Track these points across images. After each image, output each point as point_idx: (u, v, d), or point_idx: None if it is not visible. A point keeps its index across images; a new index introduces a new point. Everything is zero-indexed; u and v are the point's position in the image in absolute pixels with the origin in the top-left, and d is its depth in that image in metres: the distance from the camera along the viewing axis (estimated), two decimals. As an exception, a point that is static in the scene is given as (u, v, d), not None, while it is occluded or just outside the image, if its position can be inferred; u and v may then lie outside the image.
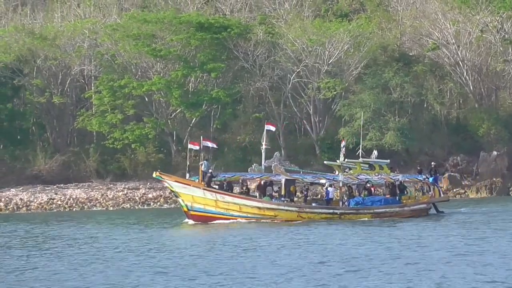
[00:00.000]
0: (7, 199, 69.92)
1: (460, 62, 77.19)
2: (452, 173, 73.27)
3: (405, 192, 55.31)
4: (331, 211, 52.63)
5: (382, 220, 51.46)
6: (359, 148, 71.98)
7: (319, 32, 76.05)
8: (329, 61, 75.25)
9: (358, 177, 54.73)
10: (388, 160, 58.36)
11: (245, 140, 73.74)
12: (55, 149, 76.54)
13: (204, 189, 51.81)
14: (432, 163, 62.54)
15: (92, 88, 78.39)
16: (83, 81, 79.91)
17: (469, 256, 33.26)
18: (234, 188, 55.53)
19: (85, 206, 67.53)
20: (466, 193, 72.03)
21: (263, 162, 54.75)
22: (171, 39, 75.64)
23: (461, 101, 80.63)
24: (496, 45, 77.80)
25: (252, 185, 57.49)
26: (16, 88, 77.98)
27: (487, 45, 78.10)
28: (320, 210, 52.89)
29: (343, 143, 58.05)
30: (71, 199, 68.68)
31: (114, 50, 77.01)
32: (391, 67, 75.56)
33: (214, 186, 53.17)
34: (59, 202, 68.13)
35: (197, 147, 55.27)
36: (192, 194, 51.97)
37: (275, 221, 51.22)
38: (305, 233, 44.38)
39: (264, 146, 55.00)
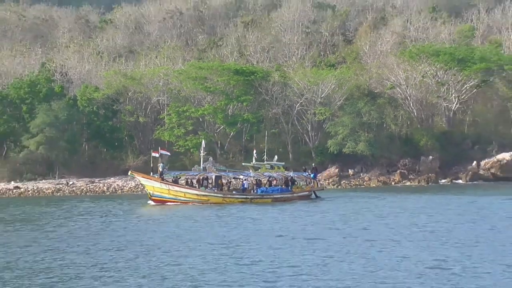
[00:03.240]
0: (108, 184, 79.23)
1: (408, 97, 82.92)
2: (402, 171, 79.88)
3: (295, 184, 59.57)
4: (245, 196, 56.74)
5: (279, 202, 55.24)
6: (344, 152, 76.55)
7: (315, 76, 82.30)
8: (321, 95, 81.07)
9: (264, 174, 59.25)
10: (283, 163, 62.29)
11: (265, 147, 70.47)
12: (140, 152, 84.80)
13: (160, 182, 56.09)
14: (313, 164, 67.47)
15: (165, 111, 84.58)
16: (159, 107, 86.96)
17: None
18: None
19: (159, 190, 66.95)
20: (411, 183, 76.75)
21: (201, 164, 58.71)
22: (217, 80, 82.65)
23: (408, 123, 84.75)
24: (432, 86, 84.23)
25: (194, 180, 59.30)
26: (115, 111, 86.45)
27: (426, 86, 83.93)
28: (238, 196, 56.80)
29: (254, 151, 62.01)
30: (149, 185, 69.64)
31: (179, 87, 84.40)
32: (362, 100, 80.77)
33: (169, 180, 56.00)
34: (141, 187, 67.09)
35: (157, 155, 57.40)
36: (153, 185, 56.31)
37: (208, 203, 55.02)
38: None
39: (202, 154, 58.55)
